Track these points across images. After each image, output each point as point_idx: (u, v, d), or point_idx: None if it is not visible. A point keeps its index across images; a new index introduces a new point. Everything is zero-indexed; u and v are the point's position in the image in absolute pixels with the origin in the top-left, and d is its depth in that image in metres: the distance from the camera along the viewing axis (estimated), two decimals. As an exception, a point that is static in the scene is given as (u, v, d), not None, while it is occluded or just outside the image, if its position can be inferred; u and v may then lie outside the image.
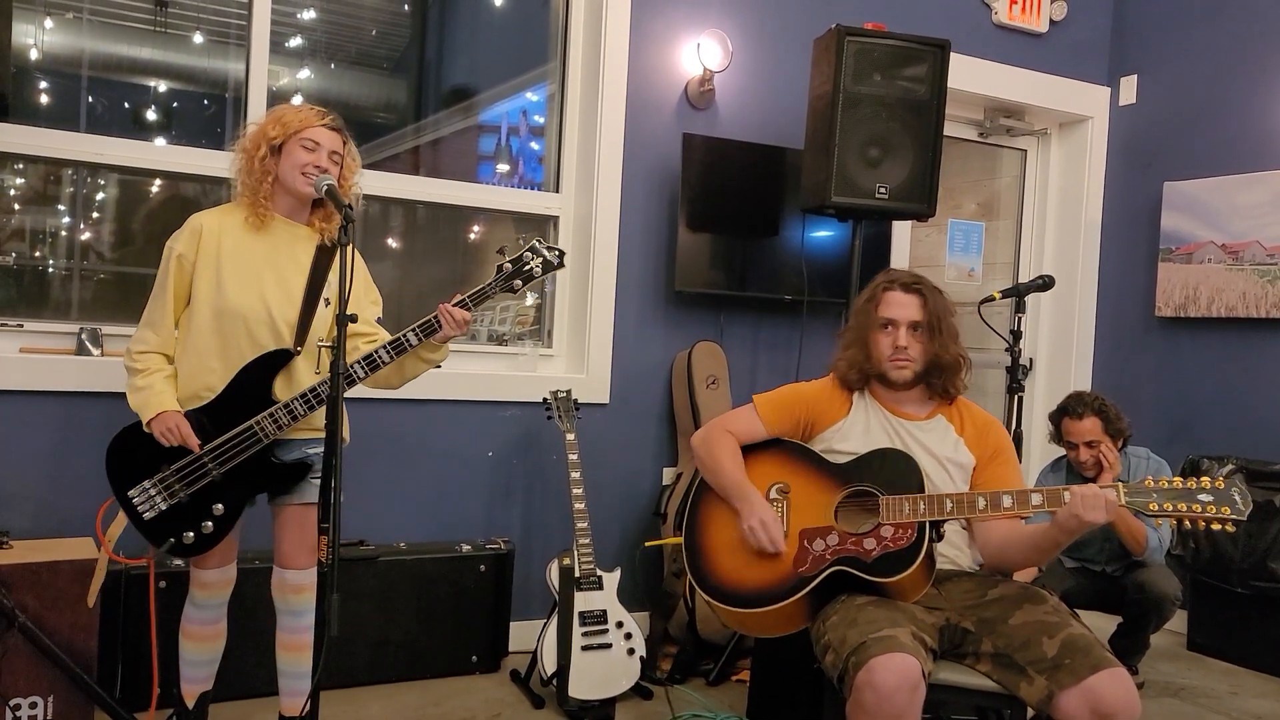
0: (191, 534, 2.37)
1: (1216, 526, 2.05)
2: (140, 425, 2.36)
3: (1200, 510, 2.05)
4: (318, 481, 2.30)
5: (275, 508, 2.49)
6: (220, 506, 2.37)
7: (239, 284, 2.38)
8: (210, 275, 2.38)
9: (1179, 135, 4.43)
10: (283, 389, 2.39)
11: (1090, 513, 2.07)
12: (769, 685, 2.77)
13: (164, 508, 2.36)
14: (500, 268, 2.43)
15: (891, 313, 2.41)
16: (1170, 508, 2.06)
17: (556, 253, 2.46)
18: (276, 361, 2.38)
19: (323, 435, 2.43)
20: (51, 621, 2.54)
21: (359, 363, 2.35)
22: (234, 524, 2.41)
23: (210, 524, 2.37)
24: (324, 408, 2.40)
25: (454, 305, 2.38)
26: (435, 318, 2.37)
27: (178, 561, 2.81)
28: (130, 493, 2.37)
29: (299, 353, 2.39)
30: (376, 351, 2.36)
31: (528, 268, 2.43)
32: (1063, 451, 3.50)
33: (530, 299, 2.47)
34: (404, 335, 2.37)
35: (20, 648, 2.49)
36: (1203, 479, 2.08)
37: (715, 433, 2.51)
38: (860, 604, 2.15)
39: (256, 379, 2.36)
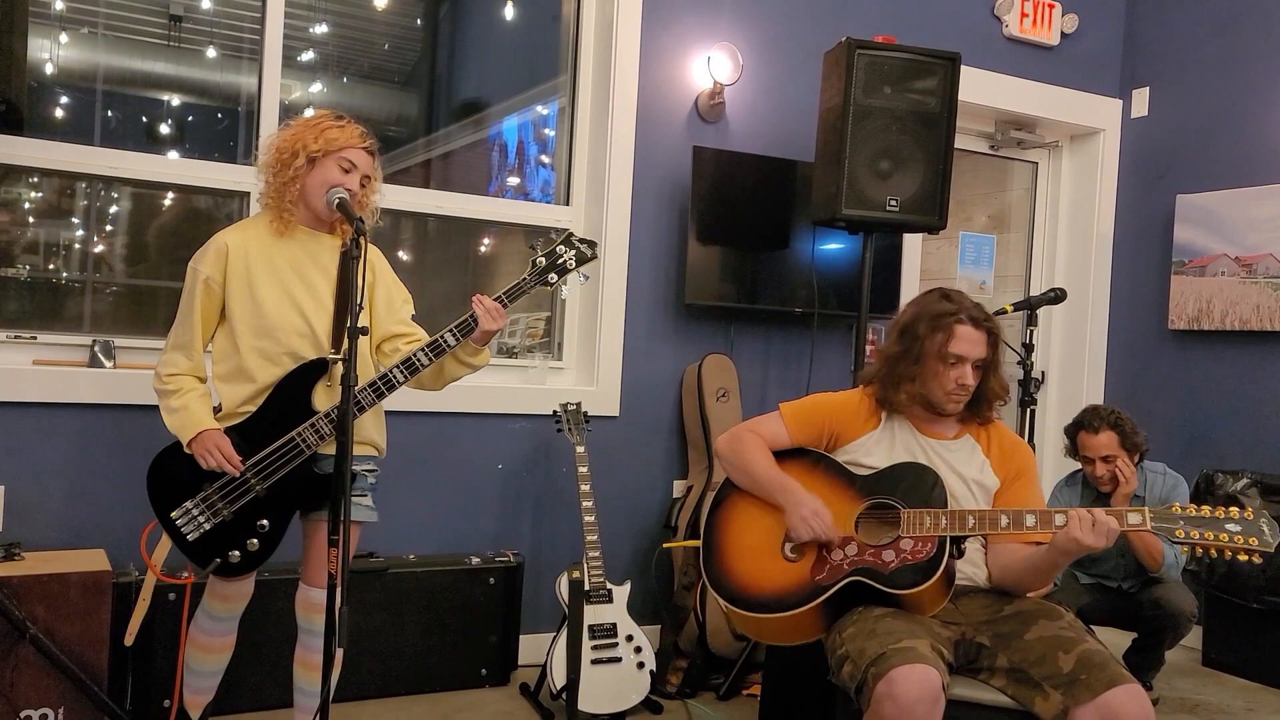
0: (238, 552, 2.33)
1: (1243, 557, 2.03)
2: (179, 445, 2.33)
3: (1228, 540, 2.03)
4: (356, 499, 2.29)
5: (307, 523, 2.45)
6: (265, 522, 2.33)
7: (275, 299, 2.36)
8: (244, 295, 2.36)
9: (1191, 148, 4.41)
10: (322, 398, 2.36)
11: (1088, 537, 2.06)
12: (780, 699, 2.75)
13: (208, 527, 2.32)
14: (534, 262, 2.41)
15: (962, 349, 2.33)
16: (1198, 535, 2.05)
17: (589, 244, 2.44)
18: (315, 371, 2.35)
19: (367, 448, 2.46)
20: (62, 633, 2.54)
21: (398, 366, 2.33)
22: (280, 539, 2.37)
23: (256, 541, 2.34)
24: (364, 417, 2.41)
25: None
26: (471, 315, 2.35)
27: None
28: (173, 514, 2.33)
29: (337, 357, 2.34)
30: (415, 355, 2.33)
31: (561, 260, 2.41)
32: (1078, 465, 3.48)
33: (564, 292, 2.47)
34: (441, 336, 2.35)
35: (31, 659, 2.49)
36: (1231, 509, 2.06)
37: (742, 433, 2.49)
38: (878, 615, 2.14)
39: (296, 390, 2.34)
